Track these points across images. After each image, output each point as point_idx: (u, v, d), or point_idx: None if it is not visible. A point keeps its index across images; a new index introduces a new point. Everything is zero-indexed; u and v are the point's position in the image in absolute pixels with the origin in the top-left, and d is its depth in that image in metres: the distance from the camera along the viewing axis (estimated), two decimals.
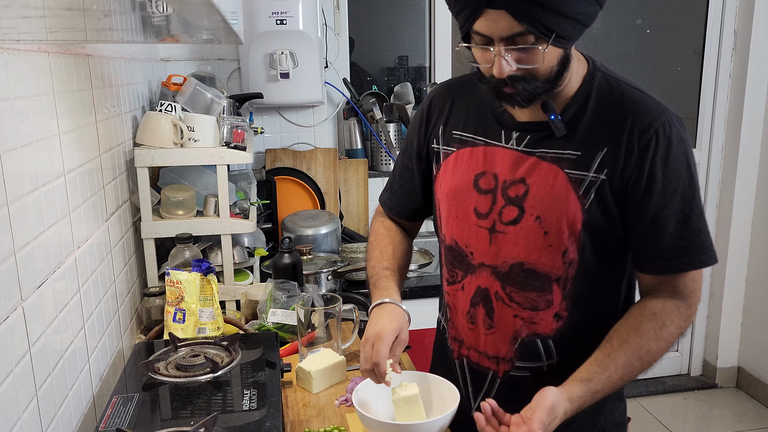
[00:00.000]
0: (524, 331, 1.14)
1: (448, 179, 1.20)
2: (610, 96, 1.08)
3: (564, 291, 1.11)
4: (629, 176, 1.04)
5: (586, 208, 1.06)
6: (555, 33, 0.95)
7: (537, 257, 1.10)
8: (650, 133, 1.03)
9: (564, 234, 1.08)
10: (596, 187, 1.06)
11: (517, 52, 0.98)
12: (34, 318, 0.94)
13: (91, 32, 1.04)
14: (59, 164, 1.09)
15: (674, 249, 1.05)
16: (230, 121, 1.77)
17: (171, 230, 1.65)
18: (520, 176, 1.11)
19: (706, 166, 3.15)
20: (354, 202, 2.67)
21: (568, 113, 1.09)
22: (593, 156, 1.06)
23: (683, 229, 1.04)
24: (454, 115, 1.22)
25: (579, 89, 1.09)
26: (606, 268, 1.12)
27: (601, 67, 1.11)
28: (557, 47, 0.99)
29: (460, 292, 1.21)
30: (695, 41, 3.09)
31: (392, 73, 3.13)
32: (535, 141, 1.11)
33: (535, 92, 1.03)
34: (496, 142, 1.15)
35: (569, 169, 1.07)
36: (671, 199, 1.04)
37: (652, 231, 1.05)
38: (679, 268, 1.06)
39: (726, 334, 3.22)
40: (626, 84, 1.09)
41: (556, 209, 1.07)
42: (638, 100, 1.07)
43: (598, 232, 1.07)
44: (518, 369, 1.17)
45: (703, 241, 1.06)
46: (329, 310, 1.42)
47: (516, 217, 1.11)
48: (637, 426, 2.93)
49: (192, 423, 1.00)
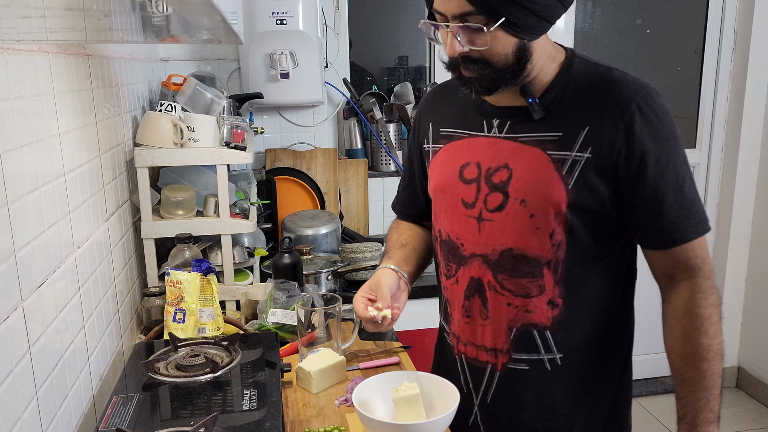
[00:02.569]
0: (519, 320, 1.14)
1: (436, 174, 1.24)
2: (589, 77, 1.09)
3: (555, 275, 1.11)
4: (618, 153, 1.05)
5: (570, 187, 1.07)
6: (504, 17, 0.98)
7: (525, 241, 1.11)
8: (632, 107, 1.04)
9: (550, 215, 1.08)
10: (580, 167, 1.06)
11: (467, 32, 1.01)
12: (34, 318, 0.94)
13: (91, 32, 1.04)
14: (59, 164, 1.09)
15: (676, 219, 1.06)
16: (230, 121, 1.77)
17: (171, 230, 1.65)
18: (503, 162, 1.12)
19: (706, 166, 3.15)
20: (354, 202, 2.68)
21: (547, 97, 1.10)
22: (575, 135, 1.07)
23: (681, 198, 1.06)
24: (441, 114, 1.26)
25: (558, 74, 1.10)
26: (599, 250, 1.12)
27: (579, 54, 1.13)
28: (510, 35, 1.01)
29: (455, 286, 1.22)
30: (695, 41, 3.09)
31: (392, 73, 3.14)
32: (515, 125, 1.12)
33: (493, 80, 1.06)
34: (478, 133, 1.17)
35: (551, 150, 1.08)
36: (665, 169, 1.05)
37: (652, 204, 1.06)
38: (685, 238, 1.07)
39: (726, 334, 3.18)
40: (604, 66, 1.11)
41: (541, 191, 1.08)
42: (616, 77, 1.08)
43: (585, 212, 1.08)
44: (516, 361, 1.17)
45: (698, 210, 1.07)
46: (329, 310, 1.42)
47: (501, 203, 1.12)
48: (637, 426, 2.92)
49: (192, 423, 1.00)
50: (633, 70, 1.10)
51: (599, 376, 1.19)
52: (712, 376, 1.08)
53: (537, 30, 1.03)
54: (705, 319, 1.08)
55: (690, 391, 1.10)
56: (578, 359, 1.16)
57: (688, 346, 1.09)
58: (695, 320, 1.08)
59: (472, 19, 0.99)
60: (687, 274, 1.09)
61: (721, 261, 3.15)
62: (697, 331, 1.08)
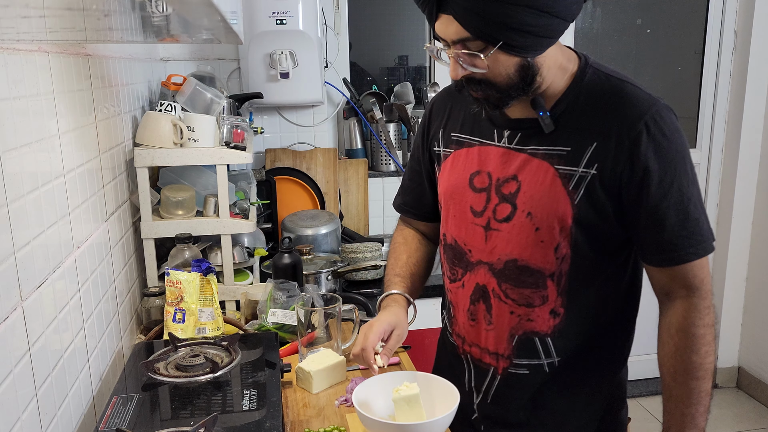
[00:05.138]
0: (521, 328, 1.15)
1: (445, 179, 1.23)
2: (601, 91, 1.08)
3: (559, 287, 1.11)
4: (621, 170, 1.04)
5: (576, 203, 1.06)
6: (502, 41, 0.97)
7: (529, 253, 1.11)
8: (639, 125, 1.03)
9: (555, 229, 1.08)
10: (586, 183, 1.06)
11: (467, 55, 1.01)
12: (34, 318, 0.94)
13: (91, 32, 1.04)
14: (59, 164, 1.09)
15: (676, 240, 1.05)
16: (230, 121, 1.77)
17: (171, 230, 1.65)
18: (512, 173, 1.12)
19: (706, 166, 3.15)
20: (354, 202, 2.67)
21: (557, 109, 1.09)
22: (583, 151, 1.06)
23: (684, 218, 1.04)
24: (452, 118, 1.25)
25: (569, 86, 1.09)
26: (602, 265, 1.12)
27: (594, 63, 1.11)
28: (511, 55, 1.00)
29: (460, 290, 1.22)
30: (695, 41, 3.09)
31: (392, 73, 3.13)
32: (525, 138, 1.12)
33: (500, 98, 1.05)
34: (489, 142, 1.16)
35: (559, 165, 1.08)
36: (669, 190, 1.04)
37: (652, 223, 1.05)
38: (683, 258, 1.06)
39: (726, 334, 3.22)
40: (617, 78, 1.09)
41: (547, 205, 1.08)
42: (628, 93, 1.06)
43: (589, 227, 1.08)
44: (516, 366, 1.18)
45: (701, 230, 1.06)
46: (329, 310, 1.42)
47: (509, 214, 1.12)
48: (637, 426, 2.93)
49: (192, 423, 1.00)
50: (633, 71, 1.10)
51: (595, 377, 1.19)
52: (700, 393, 1.08)
53: (539, 47, 1.02)
54: (698, 338, 1.07)
55: (676, 407, 1.10)
56: (576, 362, 1.17)
57: (679, 363, 1.08)
58: (688, 339, 1.07)
59: (471, 44, 1.00)
60: (684, 293, 1.08)
61: (721, 261, 3.15)
62: (689, 349, 1.07)
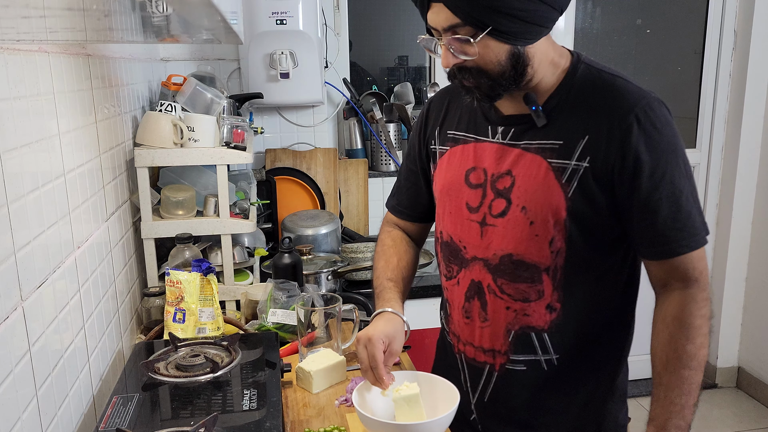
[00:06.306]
0: (517, 323, 1.15)
1: (441, 176, 1.24)
2: (592, 86, 1.09)
3: (554, 281, 1.12)
4: (613, 163, 1.05)
5: (570, 196, 1.07)
6: (491, 26, 0.99)
7: (525, 248, 1.11)
8: (630, 118, 1.03)
9: (549, 223, 1.08)
10: (579, 176, 1.06)
11: (458, 43, 1.02)
12: (34, 318, 0.94)
13: (91, 32, 1.04)
14: (59, 164, 1.09)
15: (669, 232, 1.05)
16: (230, 121, 1.77)
17: (171, 230, 1.65)
18: (506, 168, 1.12)
19: (706, 166, 3.15)
20: (354, 202, 2.67)
21: (550, 104, 1.10)
22: (575, 144, 1.07)
23: (676, 211, 1.04)
24: (449, 116, 1.26)
25: (562, 81, 1.10)
26: (598, 258, 1.12)
27: (585, 59, 1.12)
28: (501, 42, 1.01)
29: (456, 287, 1.22)
30: (695, 41, 3.09)
31: (392, 73, 3.14)
32: (518, 133, 1.12)
33: (491, 87, 1.06)
34: (484, 138, 1.17)
35: (552, 158, 1.08)
36: (660, 182, 1.04)
37: (644, 216, 1.06)
38: (676, 251, 1.06)
39: (726, 334, 3.22)
40: (609, 73, 1.10)
41: (541, 198, 1.08)
42: (618, 86, 1.07)
43: (584, 220, 1.08)
44: (514, 362, 1.17)
45: (694, 222, 1.06)
46: (329, 310, 1.42)
47: (504, 209, 1.12)
48: (638, 426, 2.92)
49: (192, 423, 1.00)
50: (633, 71, 1.10)
51: (595, 375, 1.19)
52: (691, 385, 1.06)
53: (529, 35, 1.02)
54: (695, 329, 1.06)
55: (665, 395, 1.07)
56: (574, 359, 1.16)
57: (672, 351, 1.07)
58: (684, 328, 1.07)
59: (461, 30, 1.01)
60: (682, 284, 1.08)
61: (721, 261, 3.15)
62: (684, 338, 1.06)
